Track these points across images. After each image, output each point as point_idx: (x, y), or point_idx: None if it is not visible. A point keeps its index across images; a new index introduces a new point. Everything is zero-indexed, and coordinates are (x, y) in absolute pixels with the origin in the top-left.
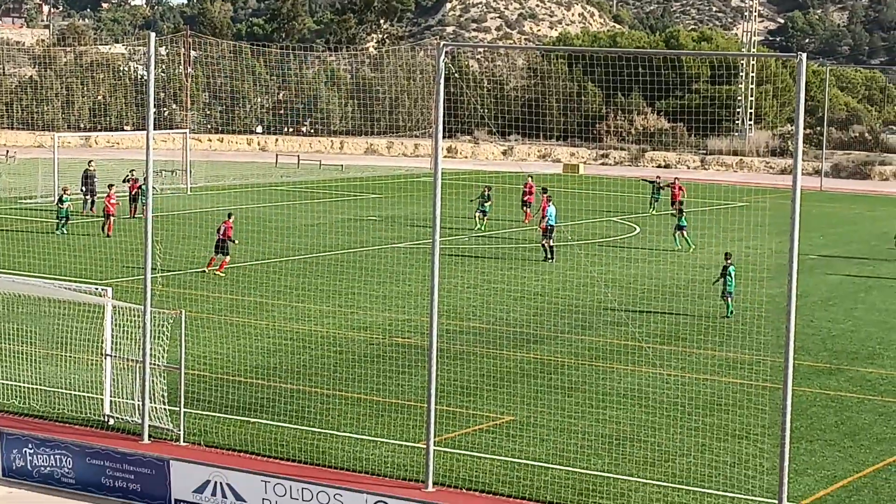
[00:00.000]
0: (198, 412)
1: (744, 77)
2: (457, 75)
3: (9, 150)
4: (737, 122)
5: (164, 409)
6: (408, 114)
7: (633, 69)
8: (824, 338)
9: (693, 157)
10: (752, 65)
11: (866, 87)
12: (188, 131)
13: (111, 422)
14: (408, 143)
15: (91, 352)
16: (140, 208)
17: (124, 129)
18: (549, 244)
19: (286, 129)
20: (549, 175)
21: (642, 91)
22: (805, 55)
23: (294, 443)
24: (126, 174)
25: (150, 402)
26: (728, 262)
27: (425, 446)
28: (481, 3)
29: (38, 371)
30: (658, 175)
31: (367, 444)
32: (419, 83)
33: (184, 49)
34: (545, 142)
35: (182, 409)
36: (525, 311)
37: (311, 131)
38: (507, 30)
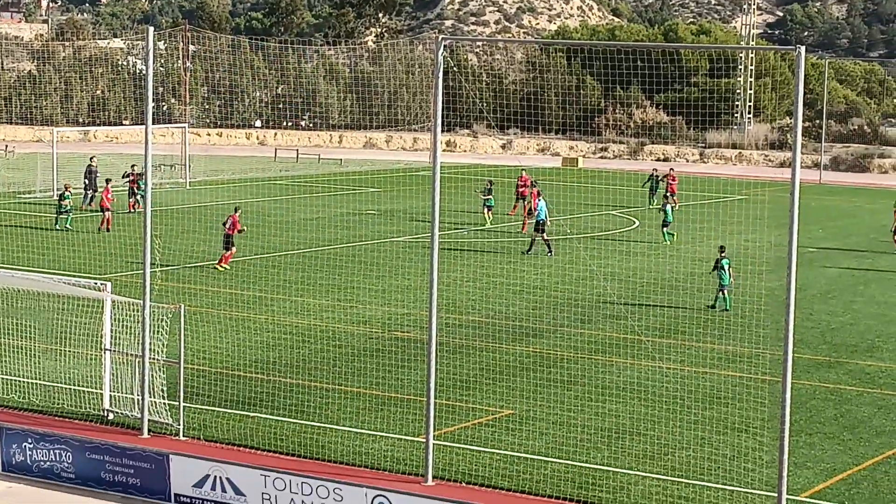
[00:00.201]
0: (197, 406)
1: (742, 70)
2: (455, 69)
3: (7, 145)
4: (736, 115)
5: (164, 403)
6: (406, 108)
7: (632, 62)
8: (823, 331)
9: (692, 150)
10: (751, 58)
11: (865, 79)
12: (187, 126)
13: (111, 416)
14: (407, 136)
15: (90, 346)
16: (139, 202)
17: (123, 124)
18: (544, 238)
19: (285, 124)
20: (548, 168)
21: (641, 84)
22: (804, 48)
23: (293, 437)
24: (126, 169)
25: (150, 397)
26: (722, 255)
27: (425, 440)
28: None
29: (37, 366)
30: (655, 168)
31: (366, 438)
32: (418, 77)
33: (182, 43)
34: (544, 135)
35: (181, 404)
36: (524, 304)
37: (310, 125)
38: (506, 23)
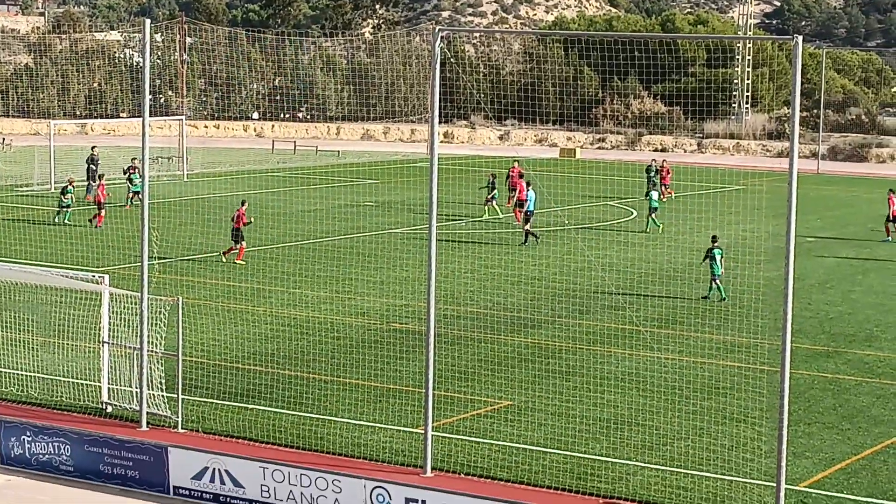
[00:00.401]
0: (196, 399)
1: (740, 60)
2: (453, 60)
3: (4, 138)
4: (733, 105)
5: (162, 396)
6: (404, 99)
7: (630, 53)
8: (822, 320)
9: (690, 140)
10: (749, 48)
11: (863, 69)
12: (184, 118)
13: (109, 409)
14: (404, 128)
15: (88, 339)
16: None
17: (120, 117)
18: (527, 228)
19: (282, 116)
20: (545, 159)
21: (639, 75)
22: (801, 38)
23: (292, 429)
24: (126, 164)
25: (148, 390)
26: (714, 244)
27: (423, 431)
28: None
29: (35, 359)
30: (654, 159)
31: (365, 429)
32: (415, 68)
33: (179, 36)
34: (542, 126)
35: (180, 396)
36: (522, 295)
37: (308, 117)
38: (503, 14)
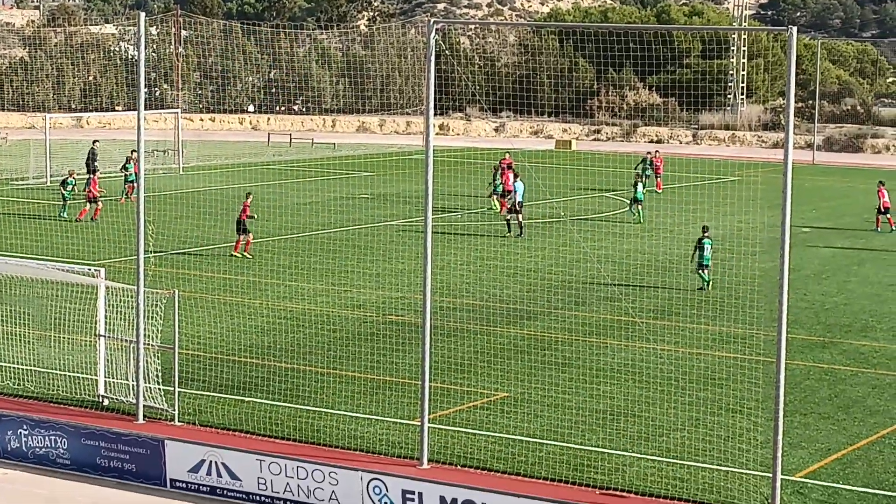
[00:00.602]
0: (192, 392)
1: (735, 51)
2: (448, 52)
3: (0, 132)
4: (728, 96)
5: (159, 389)
6: (399, 91)
7: (625, 44)
8: (817, 311)
9: (685, 131)
10: (744, 39)
11: (858, 60)
12: (180, 111)
13: (105, 402)
14: (400, 120)
15: (85, 333)
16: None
17: (116, 110)
18: (507, 218)
19: (278, 108)
20: (541, 151)
21: (634, 66)
22: (796, 28)
23: (289, 421)
24: (125, 158)
25: (145, 383)
26: (705, 234)
27: (420, 423)
28: None
29: (32, 352)
30: (649, 151)
31: (361, 421)
32: (410, 60)
33: (174, 29)
34: (537, 118)
35: (176, 389)
36: (518, 287)
37: (303, 110)
38: (498, 6)
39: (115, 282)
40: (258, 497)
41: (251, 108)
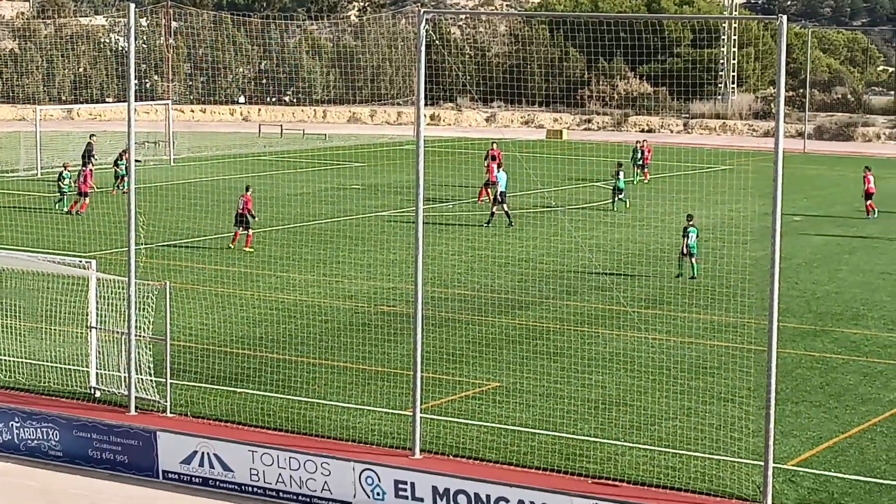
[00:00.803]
0: (184, 383)
1: (726, 40)
2: (438, 42)
3: None
4: (719, 85)
5: (151, 380)
6: (390, 82)
7: (616, 34)
8: (809, 299)
9: (676, 121)
10: (734, 28)
11: (848, 48)
12: (170, 102)
13: (97, 394)
14: (391, 111)
15: (76, 324)
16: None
17: (106, 102)
18: (505, 210)
19: (269, 99)
20: (532, 141)
21: (625, 56)
22: (786, 17)
23: (281, 412)
24: (119, 154)
25: (137, 374)
26: (690, 223)
27: (412, 414)
28: None
29: (23, 344)
30: (637, 140)
31: (353, 412)
32: (401, 51)
33: (164, 20)
34: (528, 108)
35: (168, 381)
36: (510, 277)
37: (294, 101)
38: None
39: (107, 273)
40: (250, 488)
41: (242, 100)
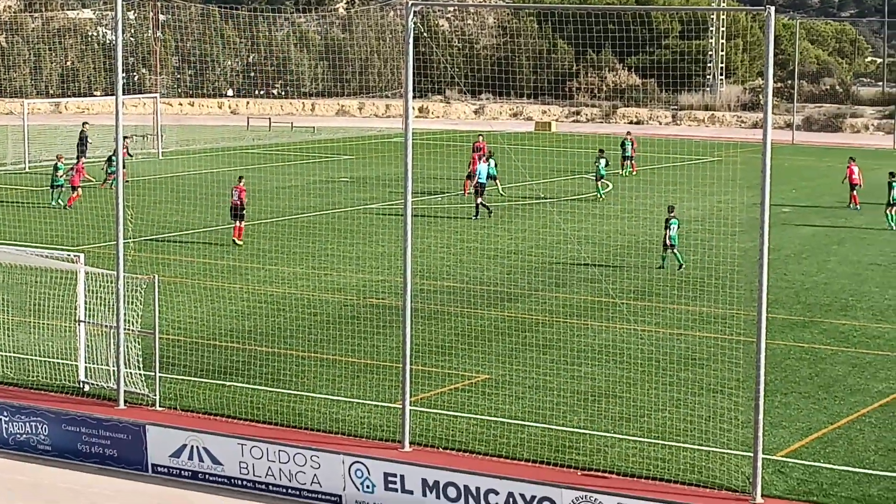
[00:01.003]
0: (173, 377)
1: (714, 32)
2: (426, 35)
3: None
4: (708, 77)
5: (140, 374)
6: (378, 74)
7: (604, 26)
8: (797, 290)
9: (665, 112)
10: (722, 19)
11: (837, 39)
12: (158, 96)
13: (86, 388)
14: (379, 103)
15: (65, 318)
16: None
17: (94, 95)
18: (480, 202)
19: (257, 92)
20: (521, 133)
21: (613, 47)
22: (773, 8)
23: (270, 405)
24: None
25: (125, 368)
26: (671, 214)
27: (401, 406)
28: None
29: (11, 339)
30: (628, 132)
31: (342, 405)
32: (389, 43)
33: (152, 13)
34: (517, 100)
35: (157, 374)
36: (499, 269)
37: (282, 93)
38: None
39: (95, 267)
40: (240, 481)
41: (230, 93)
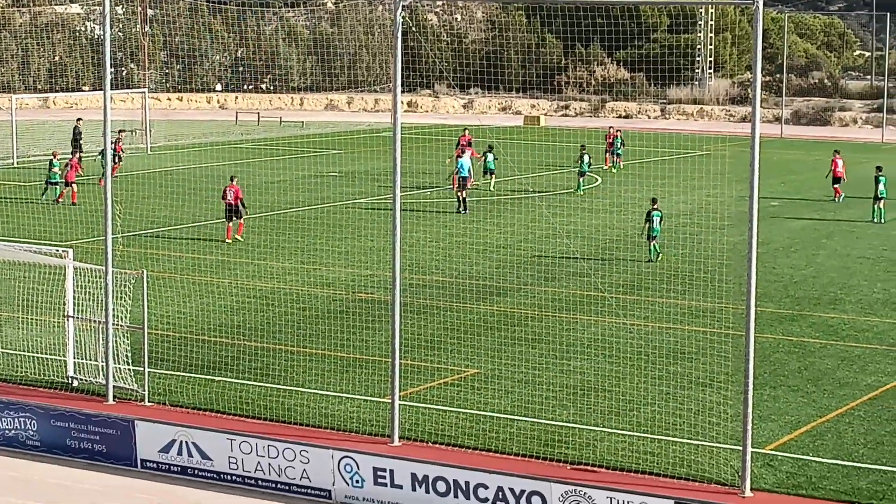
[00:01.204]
0: (162, 372)
1: (702, 25)
2: (415, 29)
3: None
4: (696, 70)
5: (129, 369)
6: (367, 69)
7: (592, 20)
8: (786, 284)
9: (654, 106)
10: (711, 13)
11: (825, 33)
12: (147, 91)
13: (75, 383)
14: (368, 98)
15: (53, 313)
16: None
17: (82, 90)
18: (463, 195)
19: (246, 87)
20: (510, 127)
21: (602, 41)
22: (762, 2)
23: (259, 400)
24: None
25: (114, 363)
26: (654, 206)
27: (390, 401)
28: None
29: None
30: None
31: (332, 399)
32: (378, 38)
33: (140, 8)
34: (505, 94)
35: (146, 369)
36: (488, 263)
37: (271, 88)
38: None
39: (84, 262)
40: (229, 476)
41: (219, 87)
